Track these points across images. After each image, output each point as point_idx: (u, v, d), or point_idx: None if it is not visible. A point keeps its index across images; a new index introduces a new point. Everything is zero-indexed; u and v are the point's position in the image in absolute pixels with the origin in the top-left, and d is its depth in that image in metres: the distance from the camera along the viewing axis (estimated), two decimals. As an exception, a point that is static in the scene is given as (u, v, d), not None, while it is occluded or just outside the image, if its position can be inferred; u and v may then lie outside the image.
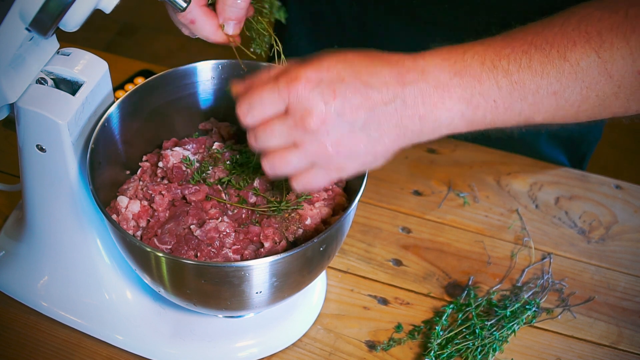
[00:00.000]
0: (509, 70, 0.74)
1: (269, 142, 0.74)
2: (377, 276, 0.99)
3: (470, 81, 0.74)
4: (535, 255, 1.02)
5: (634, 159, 2.25)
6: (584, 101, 0.76)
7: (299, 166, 0.74)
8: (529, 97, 0.75)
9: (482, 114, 0.75)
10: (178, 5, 0.78)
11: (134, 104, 0.88)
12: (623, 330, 0.95)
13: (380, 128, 0.73)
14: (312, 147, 0.73)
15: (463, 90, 0.74)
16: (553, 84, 0.75)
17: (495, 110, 0.75)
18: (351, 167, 0.75)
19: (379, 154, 0.75)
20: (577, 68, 0.74)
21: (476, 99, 0.74)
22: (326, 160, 0.74)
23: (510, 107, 0.75)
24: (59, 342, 0.92)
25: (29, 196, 0.87)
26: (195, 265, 0.76)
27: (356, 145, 0.73)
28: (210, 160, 0.89)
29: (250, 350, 0.91)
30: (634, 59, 0.75)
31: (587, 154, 1.21)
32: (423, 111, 0.74)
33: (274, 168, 0.74)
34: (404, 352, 0.92)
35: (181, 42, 2.56)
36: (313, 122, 0.71)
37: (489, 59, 0.75)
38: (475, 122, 0.76)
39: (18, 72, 0.79)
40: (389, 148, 0.75)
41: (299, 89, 0.72)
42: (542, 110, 0.76)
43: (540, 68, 0.74)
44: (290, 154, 0.73)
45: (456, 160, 1.13)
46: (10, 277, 0.95)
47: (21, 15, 0.72)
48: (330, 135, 0.72)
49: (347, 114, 0.72)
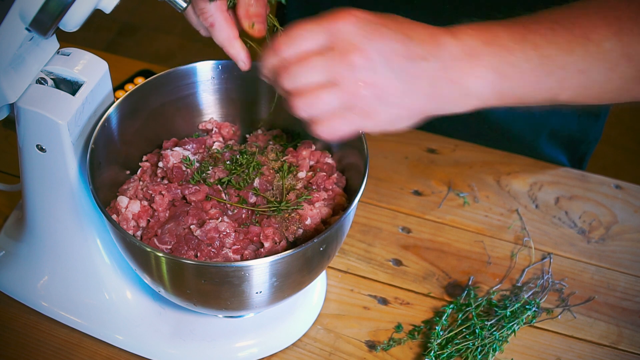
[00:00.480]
0: (538, 43, 0.75)
1: (306, 78, 0.72)
2: (377, 276, 0.99)
3: (500, 51, 0.74)
4: (535, 255, 1.02)
5: (634, 159, 2.25)
6: (607, 82, 0.78)
7: (331, 105, 0.72)
8: (556, 73, 0.76)
9: (511, 86, 0.75)
10: (178, 5, 0.78)
11: (134, 104, 0.88)
12: (623, 330, 0.95)
13: (415, 82, 0.73)
14: (349, 82, 0.71)
15: (493, 58, 0.74)
16: (579, 62, 0.76)
17: (524, 83, 0.76)
18: (378, 115, 0.73)
19: (408, 109, 0.74)
20: (601, 48, 0.76)
21: (506, 68, 0.74)
22: (358, 101, 0.72)
23: (538, 81, 0.76)
24: (59, 342, 0.92)
25: (29, 196, 0.87)
26: (195, 265, 0.76)
27: (390, 90, 0.72)
28: (210, 160, 0.89)
29: (250, 350, 0.91)
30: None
31: (586, 153, 1.21)
32: (454, 75, 0.74)
33: (306, 105, 0.72)
34: (404, 352, 0.92)
35: (181, 42, 2.57)
36: (356, 56, 0.71)
37: (518, 32, 0.75)
38: (504, 95, 0.76)
39: (18, 72, 0.79)
40: (418, 107, 0.74)
41: (344, 23, 0.71)
42: (570, 87, 0.77)
43: (566, 45, 0.75)
44: (326, 91, 0.72)
45: (456, 160, 1.13)
46: (10, 277, 0.95)
47: (21, 15, 0.72)
48: (369, 74, 0.71)
49: (388, 57, 0.71)
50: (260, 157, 0.89)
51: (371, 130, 0.75)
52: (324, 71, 0.72)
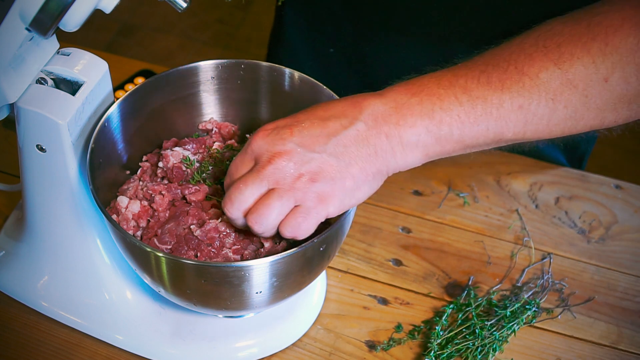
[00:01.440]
0: (467, 87, 0.74)
1: (244, 196, 0.74)
2: (377, 276, 1.00)
3: (429, 98, 0.74)
4: (535, 255, 1.02)
5: (634, 159, 2.25)
6: (552, 113, 0.76)
7: (282, 208, 0.73)
8: (493, 112, 0.75)
9: (449, 129, 0.75)
10: (178, 5, 0.78)
11: (134, 104, 0.88)
12: (623, 330, 0.95)
13: (347, 151, 0.73)
14: (286, 182, 0.73)
15: (422, 107, 0.74)
16: (516, 98, 0.74)
17: (461, 125, 0.75)
18: (334, 195, 0.74)
19: (358, 176, 0.74)
20: (538, 81, 0.74)
21: (438, 114, 0.74)
22: (306, 191, 0.73)
23: (476, 122, 0.75)
24: (59, 342, 0.92)
25: (29, 196, 0.87)
26: (195, 265, 0.76)
27: (329, 170, 0.73)
28: (210, 160, 0.89)
29: (250, 350, 0.91)
30: (597, 67, 0.74)
31: (586, 153, 1.21)
32: (387, 129, 0.74)
33: (260, 218, 0.73)
34: (404, 352, 0.92)
35: (181, 42, 2.57)
36: (279, 159, 0.72)
37: (446, 80, 0.75)
38: (443, 138, 0.75)
39: (18, 72, 0.79)
40: (366, 169, 0.74)
41: (257, 139, 0.74)
42: (511, 124, 0.76)
43: (499, 84, 0.74)
44: (269, 197, 0.73)
45: (456, 160, 1.13)
46: (10, 277, 0.95)
47: (21, 15, 0.72)
48: (299, 165, 0.72)
49: (309, 145, 0.73)
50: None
51: (337, 212, 0.75)
52: (257, 184, 0.73)
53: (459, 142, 0.76)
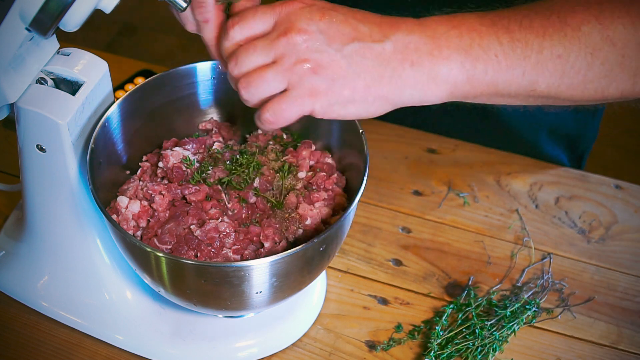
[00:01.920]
0: (510, 28, 0.73)
1: (249, 59, 0.71)
2: (377, 276, 0.99)
3: (469, 33, 0.72)
4: (535, 255, 1.02)
5: (634, 159, 2.25)
6: (589, 68, 0.74)
7: (274, 84, 0.71)
8: (532, 56, 0.73)
9: (483, 68, 0.73)
10: (178, 5, 0.78)
11: (134, 104, 0.88)
12: (623, 330, 0.95)
13: (363, 62, 0.71)
14: (290, 60, 0.71)
15: (461, 40, 0.72)
16: (556, 46, 0.73)
17: (497, 65, 0.73)
18: (325, 95, 0.72)
19: (358, 90, 0.72)
20: (579, 33, 0.73)
21: (476, 50, 0.72)
22: (300, 78, 0.71)
23: (512, 65, 0.73)
24: (59, 342, 0.92)
25: (29, 196, 0.87)
26: (195, 265, 0.76)
27: (335, 69, 0.71)
28: (210, 160, 0.89)
29: (250, 350, 0.91)
30: (636, 29, 0.74)
31: (585, 151, 1.21)
32: (416, 57, 0.72)
33: (250, 85, 0.71)
34: (404, 352, 0.92)
35: (181, 42, 2.57)
36: (294, 34, 0.70)
37: (489, 18, 0.73)
38: (475, 78, 0.73)
39: (18, 72, 0.79)
40: (370, 88, 0.72)
41: (289, 7, 0.71)
42: (547, 73, 0.74)
43: (541, 29, 0.73)
44: (267, 70, 0.71)
45: (456, 160, 1.13)
46: (10, 277, 0.95)
47: (21, 15, 0.72)
48: (310, 50, 0.70)
49: (330, 36, 0.71)
50: (260, 157, 0.89)
51: (322, 113, 0.73)
52: (265, 51, 0.71)
53: (491, 85, 0.74)
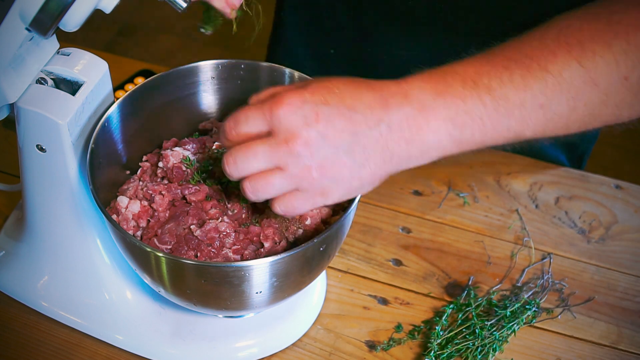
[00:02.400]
0: (491, 86, 0.73)
1: (250, 164, 0.72)
2: (377, 276, 0.99)
3: (453, 100, 0.73)
4: (535, 255, 1.02)
5: (634, 159, 2.25)
6: (572, 112, 0.75)
7: (282, 189, 0.72)
8: (515, 112, 0.74)
9: (470, 133, 0.74)
10: (178, 5, 0.78)
11: (134, 104, 0.88)
12: (623, 330, 0.95)
13: (365, 152, 0.72)
14: (295, 169, 0.71)
15: (447, 110, 0.73)
16: (538, 97, 0.74)
17: (483, 128, 0.74)
18: (336, 192, 0.73)
19: (365, 179, 0.74)
20: (561, 79, 0.74)
21: (462, 117, 0.73)
22: (310, 184, 0.72)
23: (498, 124, 0.74)
24: (59, 342, 0.92)
25: (29, 196, 0.87)
26: (195, 265, 0.76)
27: (341, 169, 0.72)
28: (210, 160, 0.89)
29: (250, 350, 0.91)
30: (619, 66, 0.74)
31: (585, 153, 1.21)
32: (409, 134, 0.73)
33: (257, 190, 0.72)
34: (404, 352, 0.92)
35: (181, 42, 2.57)
36: (297, 144, 0.70)
37: (470, 78, 0.74)
38: (464, 142, 0.75)
39: (18, 72, 0.79)
40: (376, 173, 0.74)
41: (282, 112, 0.71)
42: (531, 124, 0.75)
43: (522, 82, 0.74)
44: (273, 176, 0.72)
45: (456, 160, 1.12)
46: (10, 277, 0.95)
47: (21, 15, 0.72)
48: (314, 158, 0.71)
49: (330, 137, 0.71)
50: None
51: (334, 203, 0.75)
52: (268, 158, 0.72)
53: (479, 144, 0.76)
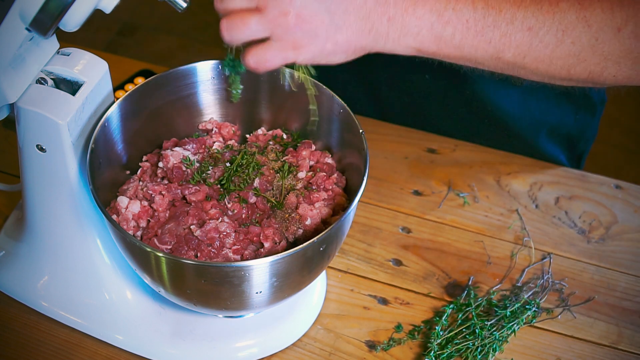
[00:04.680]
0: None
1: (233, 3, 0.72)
2: (377, 276, 0.99)
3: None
4: (535, 255, 1.02)
5: (634, 159, 2.25)
6: (558, 45, 0.75)
7: (256, 31, 0.72)
8: (502, 26, 0.74)
9: (452, 32, 0.74)
10: (178, 5, 0.78)
11: (134, 104, 0.88)
12: (623, 330, 0.95)
13: (345, 16, 0.72)
14: (273, 12, 0.71)
15: (437, 2, 0.73)
16: (529, 18, 0.74)
17: (466, 31, 0.74)
18: (308, 49, 0.73)
19: (340, 44, 0.73)
20: (556, 8, 0.74)
21: (448, 13, 0.73)
22: (284, 31, 0.72)
23: (481, 32, 0.74)
24: (59, 342, 0.92)
25: (29, 196, 0.87)
26: (195, 265, 0.76)
27: (317, 24, 0.72)
28: (210, 160, 0.89)
29: (250, 350, 0.91)
30: (614, 15, 0.74)
31: (584, 152, 1.21)
32: (393, 12, 0.73)
33: (232, 27, 0.72)
34: (404, 352, 0.92)
35: (181, 42, 2.57)
36: None
37: None
38: (443, 40, 0.75)
39: (18, 72, 0.79)
40: (351, 41, 0.73)
41: None
42: (514, 44, 0.75)
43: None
44: (250, 16, 0.72)
45: (456, 160, 1.13)
46: (10, 277, 0.95)
47: (21, 15, 0.72)
48: (294, 4, 0.71)
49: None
50: (260, 157, 0.89)
51: (302, 62, 0.75)
52: None
53: (457, 49, 0.76)
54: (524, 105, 1.14)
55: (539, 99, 1.12)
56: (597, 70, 0.77)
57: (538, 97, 1.12)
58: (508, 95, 1.12)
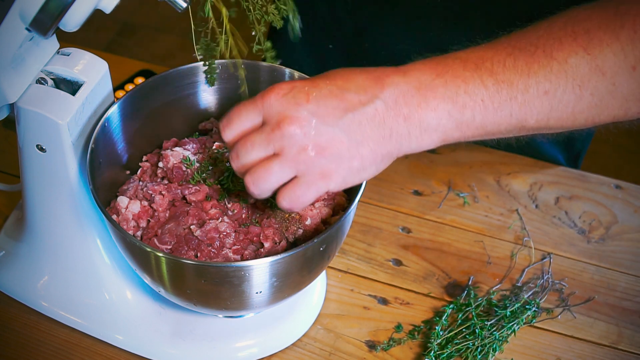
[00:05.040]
0: (494, 70, 0.73)
1: (250, 155, 0.72)
2: (377, 276, 0.99)
3: (453, 80, 0.72)
4: (535, 255, 1.02)
5: (634, 159, 2.25)
6: (578, 101, 0.74)
7: (282, 175, 0.72)
8: (518, 97, 0.73)
9: (471, 114, 0.73)
10: (178, 5, 0.78)
11: (134, 104, 0.88)
12: (623, 330, 0.95)
13: (361, 129, 0.71)
14: (291, 151, 0.71)
15: (446, 89, 0.72)
16: (542, 83, 0.73)
17: (485, 110, 0.73)
18: (337, 173, 0.72)
19: (366, 157, 0.72)
20: (566, 66, 0.73)
21: (462, 98, 0.72)
22: (308, 166, 0.71)
23: (499, 107, 0.73)
24: (59, 342, 0.92)
25: (29, 196, 0.87)
26: (195, 265, 0.76)
27: (338, 146, 0.71)
28: (210, 160, 0.89)
29: (250, 350, 0.91)
30: (626, 55, 0.73)
31: (582, 151, 1.21)
32: (407, 111, 0.72)
33: (258, 180, 0.72)
34: (404, 352, 0.92)
35: (181, 42, 2.57)
36: (288, 125, 0.70)
37: (472, 62, 0.73)
38: (465, 124, 0.73)
39: (18, 72, 0.79)
40: (376, 151, 0.73)
41: (272, 98, 0.71)
42: (535, 111, 0.74)
43: (526, 68, 0.73)
44: (271, 163, 0.71)
45: (456, 160, 1.13)
46: (10, 277, 0.95)
47: (21, 15, 0.72)
48: (308, 137, 0.70)
49: (322, 115, 0.70)
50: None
51: (338, 188, 0.74)
52: (264, 144, 0.71)
53: (480, 128, 0.74)
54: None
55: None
56: (621, 113, 0.76)
57: None
58: None
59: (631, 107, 0.76)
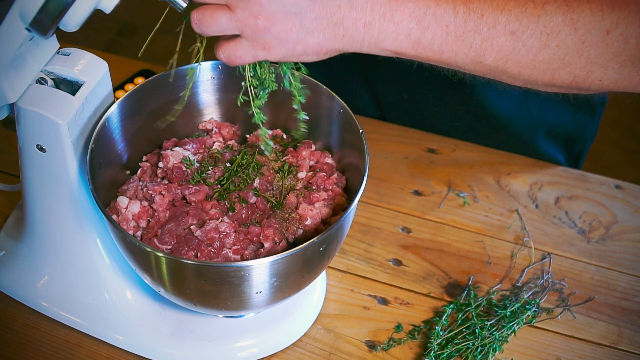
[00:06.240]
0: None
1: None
2: (377, 276, 0.99)
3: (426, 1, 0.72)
4: (535, 255, 1.02)
5: (634, 159, 2.25)
6: (542, 48, 0.73)
7: (225, 28, 0.72)
8: (483, 30, 0.72)
9: (431, 37, 0.73)
10: (178, 5, 0.78)
11: (134, 104, 0.88)
12: (623, 330, 0.95)
13: (317, 21, 0.72)
14: (242, 13, 0.71)
15: (416, 7, 0.72)
16: (512, 22, 0.72)
17: (446, 36, 0.73)
18: (278, 50, 0.73)
19: (311, 47, 0.73)
20: (541, 11, 0.72)
21: (428, 19, 0.72)
22: (253, 33, 0.72)
23: (461, 37, 0.73)
24: (59, 342, 0.92)
25: (29, 196, 0.87)
26: (195, 265, 0.76)
27: (287, 28, 0.72)
28: (210, 160, 0.89)
29: (250, 350, 0.91)
30: (604, 17, 0.72)
31: (583, 152, 1.21)
32: (370, 18, 0.72)
33: (201, 21, 0.73)
34: (404, 352, 0.92)
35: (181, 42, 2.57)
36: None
37: None
38: (421, 45, 0.73)
39: (18, 72, 0.79)
40: (322, 45, 0.73)
41: None
42: (496, 48, 0.73)
43: (502, 3, 0.72)
44: (220, 12, 0.72)
45: (456, 160, 1.13)
46: (10, 277, 0.95)
47: (21, 15, 0.72)
48: (263, 8, 0.71)
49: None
50: (260, 157, 0.89)
51: (273, 60, 0.75)
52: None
53: (436, 53, 0.74)
54: (522, 104, 1.14)
55: (539, 98, 1.12)
56: (583, 75, 0.75)
57: (538, 96, 1.12)
58: (507, 93, 1.12)
59: (594, 70, 0.75)
